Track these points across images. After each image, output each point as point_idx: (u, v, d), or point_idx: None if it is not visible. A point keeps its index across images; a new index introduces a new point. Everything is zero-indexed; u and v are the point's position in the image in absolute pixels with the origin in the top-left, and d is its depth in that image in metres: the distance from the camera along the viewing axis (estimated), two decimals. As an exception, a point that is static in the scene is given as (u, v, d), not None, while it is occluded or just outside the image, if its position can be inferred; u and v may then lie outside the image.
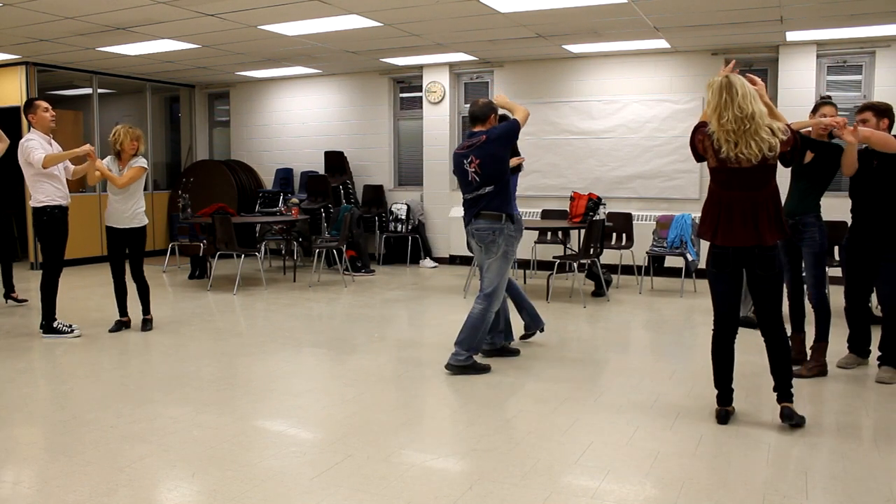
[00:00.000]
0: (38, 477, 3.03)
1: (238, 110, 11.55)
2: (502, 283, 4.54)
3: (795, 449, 3.34)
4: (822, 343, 4.53)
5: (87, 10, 6.57)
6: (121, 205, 5.67)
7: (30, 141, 5.45)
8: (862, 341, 4.72)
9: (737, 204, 3.49)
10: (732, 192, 3.49)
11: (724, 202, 3.52)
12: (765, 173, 3.45)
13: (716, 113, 3.41)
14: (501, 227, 4.45)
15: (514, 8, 6.57)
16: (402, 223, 9.97)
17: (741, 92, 3.36)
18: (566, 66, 9.22)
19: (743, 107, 3.34)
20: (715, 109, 3.41)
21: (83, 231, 9.46)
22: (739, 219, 3.48)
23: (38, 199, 5.50)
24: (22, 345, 5.46)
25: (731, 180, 3.48)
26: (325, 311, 6.86)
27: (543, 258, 8.79)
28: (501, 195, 4.46)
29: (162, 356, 5.13)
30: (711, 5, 6.43)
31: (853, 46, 7.94)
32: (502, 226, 4.45)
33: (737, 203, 3.49)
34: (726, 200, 3.52)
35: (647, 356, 5.26)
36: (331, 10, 6.60)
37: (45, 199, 5.48)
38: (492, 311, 4.55)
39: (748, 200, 3.47)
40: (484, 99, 4.69)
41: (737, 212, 3.49)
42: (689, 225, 7.69)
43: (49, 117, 5.55)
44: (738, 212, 3.48)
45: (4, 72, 9.43)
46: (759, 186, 3.47)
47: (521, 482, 2.96)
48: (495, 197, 4.44)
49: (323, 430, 3.63)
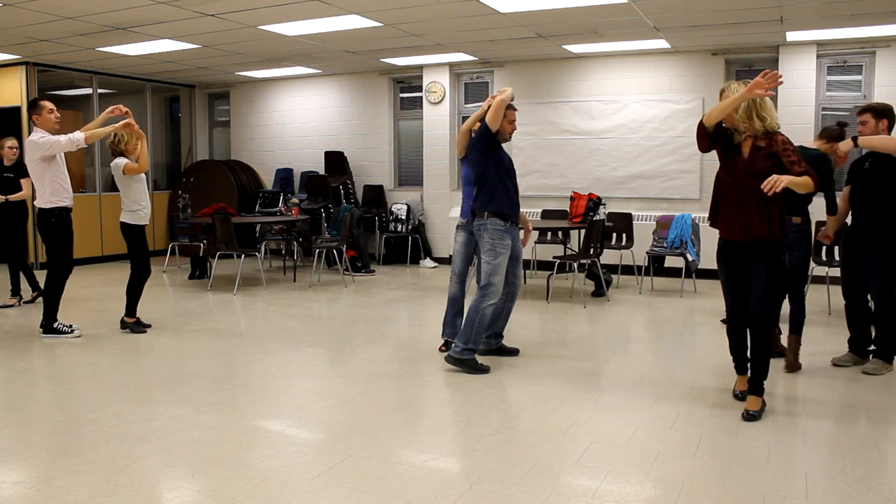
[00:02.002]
0: (38, 477, 3.03)
1: (238, 110, 11.55)
2: (495, 278, 4.61)
3: (795, 449, 3.34)
4: (797, 336, 4.64)
5: (87, 10, 6.57)
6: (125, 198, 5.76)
7: (43, 136, 5.32)
8: (861, 341, 4.75)
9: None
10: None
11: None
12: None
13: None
14: (485, 223, 4.62)
15: (514, 8, 6.57)
16: (402, 223, 9.97)
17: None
18: (566, 66, 9.22)
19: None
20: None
21: (83, 231, 9.46)
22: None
23: (47, 200, 5.40)
24: (22, 345, 5.46)
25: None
26: (325, 311, 6.86)
27: (543, 258, 8.80)
28: (482, 194, 4.64)
29: (162, 356, 5.13)
30: (711, 5, 6.43)
31: (853, 46, 7.94)
32: (486, 221, 4.63)
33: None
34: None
35: (647, 356, 5.26)
36: (331, 10, 6.60)
37: (54, 199, 5.39)
38: (485, 304, 4.60)
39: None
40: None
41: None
42: (689, 225, 7.69)
43: (54, 119, 5.43)
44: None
45: (4, 72, 9.43)
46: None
47: (521, 482, 2.96)
48: (478, 196, 4.68)
49: (323, 430, 3.63)
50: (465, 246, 5.03)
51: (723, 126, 3.70)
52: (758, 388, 3.77)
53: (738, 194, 3.66)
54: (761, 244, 3.67)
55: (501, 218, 4.60)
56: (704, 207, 8.46)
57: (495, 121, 4.54)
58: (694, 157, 8.61)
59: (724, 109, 3.55)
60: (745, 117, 3.61)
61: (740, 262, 3.77)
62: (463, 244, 5.03)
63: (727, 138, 3.72)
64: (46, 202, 5.41)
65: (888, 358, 4.61)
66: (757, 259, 3.69)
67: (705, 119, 3.65)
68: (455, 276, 5.08)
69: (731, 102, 3.52)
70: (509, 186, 4.65)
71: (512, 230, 4.68)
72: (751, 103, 3.58)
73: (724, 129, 3.71)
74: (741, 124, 3.64)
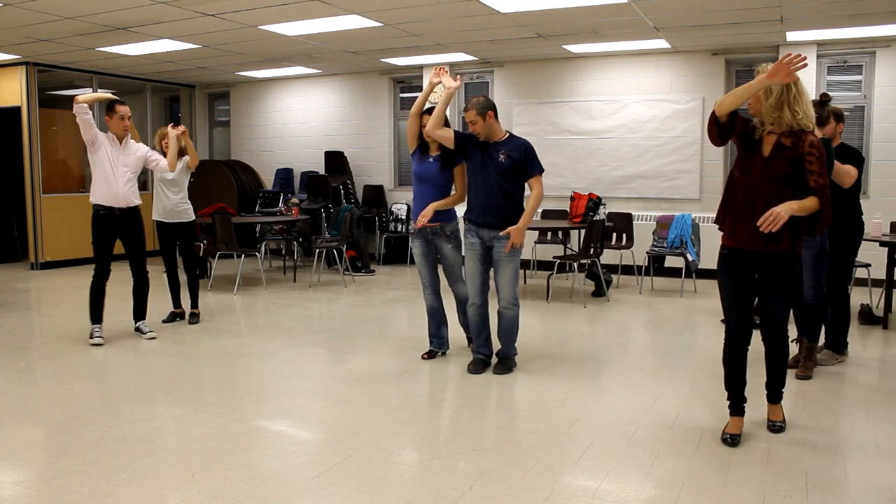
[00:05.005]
0: (38, 477, 3.03)
1: (238, 110, 11.55)
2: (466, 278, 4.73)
3: (795, 449, 3.34)
4: (815, 344, 4.61)
5: (87, 10, 6.57)
6: (175, 196, 6.06)
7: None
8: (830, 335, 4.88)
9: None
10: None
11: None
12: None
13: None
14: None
15: (514, 8, 6.57)
16: (403, 223, 9.97)
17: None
18: (566, 66, 9.22)
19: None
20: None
21: (83, 231, 9.45)
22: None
23: (92, 195, 5.45)
24: (22, 345, 5.46)
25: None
26: (325, 311, 6.86)
27: (543, 258, 8.80)
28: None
29: (162, 356, 5.13)
30: (711, 5, 6.42)
31: (853, 46, 7.94)
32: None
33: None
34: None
35: (647, 356, 5.26)
36: (331, 10, 6.60)
37: (93, 197, 5.42)
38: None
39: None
40: (476, 98, 4.62)
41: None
42: (689, 225, 7.69)
43: (122, 126, 5.42)
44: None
45: (4, 72, 9.43)
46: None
47: (521, 482, 2.96)
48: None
49: (323, 430, 3.63)
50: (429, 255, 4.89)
51: (738, 116, 3.23)
52: (778, 395, 3.54)
53: (749, 196, 3.20)
54: (774, 255, 3.24)
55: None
56: (704, 207, 8.47)
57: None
58: (694, 157, 8.62)
59: (738, 97, 3.09)
60: (775, 107, 3.10)
61: (748, 274, 3.33)
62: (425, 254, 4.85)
63: (747, 131, 3.24)
64: (91, 197, 5.43)
65: (838, 349, 4.78)
66: (772, 275, 3.28)
67: (717, 107, 3.17)
68: (430, 286, 4.92)
69: (748, 88, 3.06)
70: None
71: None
72: (784, 92, 3.07)
73: (742, 120, 3.25)
74: (768, 116, 3.15)
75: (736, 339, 3.38)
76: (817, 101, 4.46)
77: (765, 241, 3.20)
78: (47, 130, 9.73)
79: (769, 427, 3.55)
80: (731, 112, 3.17)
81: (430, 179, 4.69)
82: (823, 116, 4.42)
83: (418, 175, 4.74)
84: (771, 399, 3.58)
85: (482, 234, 4.53)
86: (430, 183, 4.69)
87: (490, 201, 4.45)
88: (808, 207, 3.13)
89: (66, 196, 9.83)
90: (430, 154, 4.77)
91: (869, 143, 7.96)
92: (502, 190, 4.45)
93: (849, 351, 4.92)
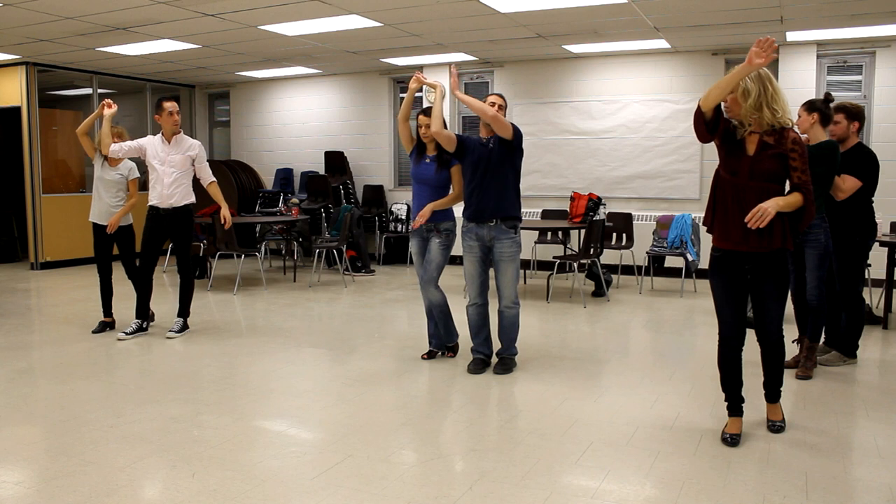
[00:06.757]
0: (38, 477, 3.03)
1: (238, 110, 11.55)
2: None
3: (795, 449, 3.34)
4: (816, 343, 4.60)
5: (87, 10, 6.57)
6: (112, 198, 5.79)
7: (142, 140, 5.57)
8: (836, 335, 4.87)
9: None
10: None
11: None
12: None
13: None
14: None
15: (514, 8, 6.57)
16: (402, 223, 9.98)
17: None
18: (566, 66, 9.22)
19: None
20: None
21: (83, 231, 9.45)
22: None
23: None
24: (22, 345, 5.46)
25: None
26: (325, 311, 6.86)
27: (543, 258, 8.80)
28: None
29: (162, 356, 5.13)
30: (711, 5, 6.42)
31: (853, 46, 7.95)
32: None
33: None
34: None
35: (647, 356, 5.26)
36: (331, 10, 6.60)
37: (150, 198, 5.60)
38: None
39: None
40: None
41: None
42: (689, 225, 7.69)
43: (172, 121, 5.46)
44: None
45: (4, 72, 9.44)
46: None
47: (521, 482, 2.96)
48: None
49: (323, 430, 3.63)
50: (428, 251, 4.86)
51: (722, 112, 3.27)
52: (776, 395, 3.56)
53: (739, 196, 3.23)
54: (767, 255, 3.26)
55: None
56: (704, 207, 8.43)
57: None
58: (694, 157, 8.62)
59: (723, 88, 3.11)
60: (755, 108, 3.16)
61: (740, 275, 3.33)
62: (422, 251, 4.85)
63: (729, 131, 3.29)
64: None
65: (849, 352, 4.76)
66: (765, 276, 3.29)
67: (702, 102, 3.19)
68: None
69: (730, 79, 3.10)
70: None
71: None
72: (762, 92, 3.14)
73: (724, 120, 3.28)
74: (749, 117, 3.20)
75: (730, 340, 3.39)
76: (821, 101, 4.47)
77: (757, 241, 3.22)
78: (47, 130, 9.74)
79: (769, 427, 3.56)
80: (716, 107, 3.21)
81: (427, 180, 4.70)
82: (829, 115, 4.44)
83: (416, 176, 4.77)
84: (769, 399, 3.59)
85: (482, 235, 4.54)
86: (427, 184, 4.70)
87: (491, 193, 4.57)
88: (794, 203, 3.19)
89: (66, 196, 9.83)
90: (426, 155, 4.77)
91: (869, 143, 7.95)
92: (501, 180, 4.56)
93: (858, 355, 4.88)
